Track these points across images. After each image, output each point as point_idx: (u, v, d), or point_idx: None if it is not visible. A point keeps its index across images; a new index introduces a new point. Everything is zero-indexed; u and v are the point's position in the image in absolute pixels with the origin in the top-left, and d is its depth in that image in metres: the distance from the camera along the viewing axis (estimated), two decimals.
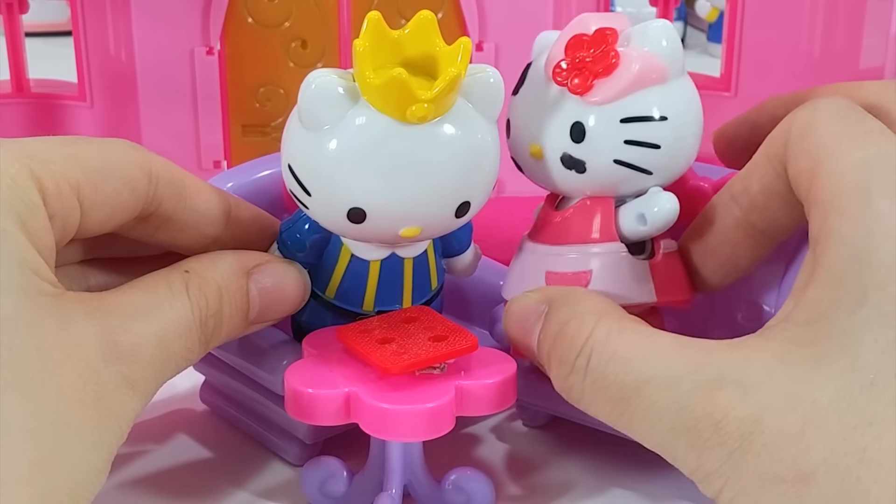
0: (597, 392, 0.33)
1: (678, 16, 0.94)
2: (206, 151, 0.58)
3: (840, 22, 0.57)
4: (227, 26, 0.56)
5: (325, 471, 0.39)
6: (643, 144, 0.37)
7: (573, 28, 0.38)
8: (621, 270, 0.38)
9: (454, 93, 0.35)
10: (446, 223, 0.38)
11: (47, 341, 0.31)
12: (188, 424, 0.45)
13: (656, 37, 0.37)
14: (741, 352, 0.32)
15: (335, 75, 0.35)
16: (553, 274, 0.39)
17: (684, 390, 0.31)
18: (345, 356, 0.37)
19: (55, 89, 0.62)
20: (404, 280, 0.39)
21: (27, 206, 0.32)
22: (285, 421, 0.41)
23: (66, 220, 0.34)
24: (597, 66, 0.37)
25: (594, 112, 0.37)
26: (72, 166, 0.34)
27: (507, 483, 0.41)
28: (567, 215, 0.39)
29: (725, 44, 0.60)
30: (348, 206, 0.36)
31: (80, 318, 0.32)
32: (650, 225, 0.38)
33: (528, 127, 0.39)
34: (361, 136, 0.35)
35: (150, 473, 0.42)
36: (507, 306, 0.38)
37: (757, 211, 0.37)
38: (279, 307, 0.38)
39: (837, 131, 0.33)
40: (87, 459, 0.31)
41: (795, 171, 0.34)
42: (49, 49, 0.75)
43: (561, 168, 0.38)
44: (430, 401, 0.35)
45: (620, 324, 0.34)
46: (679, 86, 0.38)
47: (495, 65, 0.57)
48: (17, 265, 0.31)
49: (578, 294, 0.36)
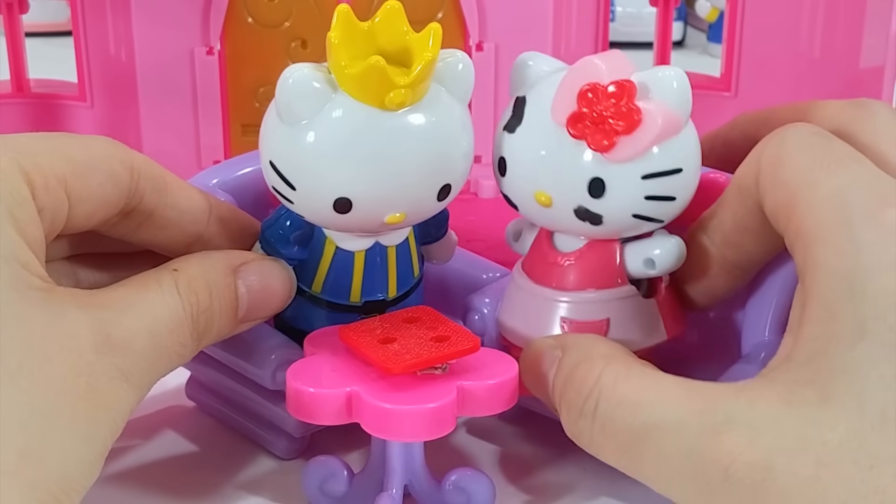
0: (605, 437, 0.33)
1: (678, 16, 0.94)
2: (206, 151, 0.58)
3: (840, 22, 0.57)
4: (227, 26, 0.56)
5: (325, 470, 0.39)
6: (662, 198, 0.37)
7: (581, 74, 0.36)
8: (636, 314, 0.38)
9: (429, 78, 0.36)
10: (429, 207, 0.38)
11: (37, 333, 0.31)
12: (174, 420, 0.45)
13: (674, 88, 0.36)
14: (746, 395, 0.31)
15: (311, 69, 0.36)
16: (570, 321, 0.38)
17: (692, 434, 0.31)
18: (347, 356, 0.37)
19: (55, 89, 0.62)
20: (389, 269, 0.40)
21: (16, 200, 0.32)
22: (273, 415, 0.41)
23: (54, 214, 0.34)
24: (619, 122, 0.35)
25: (615, 169, 0.36)
26: (58, 160, 0.34)
27: (507, 483, 0.41)
28: (574, 259, 0.39)
29: (725, 44, 0.60)
30: (334, 197, 0.36)
31: (72, 311, 0.32)
32: (658, 269, 0.38)
33: (532, 173, 0.38)
34: (342, 127, 0.36)
35: (135, 468, 0.42)
36: (524, 353, 0.37)
37: (730, 247, 0.38)
38: (267, 304, 0.38)
39: (809, 161, 0.33)
40: (78, 452, 0.31)
41: (771, 206, 0.34)
42: (49, 49, 0.75)
43: (573, 218, 0.37)
44: (432, 401, 0.35)
45: (628, 368, 0.34)
46: (688, 132, 0.37)
47: (495, 65, 0.58)
48: (6, 259, 0.31)
49: (591, 339, 0.36)
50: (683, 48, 0.96)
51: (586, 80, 0.36)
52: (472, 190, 0.60)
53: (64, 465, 0.30)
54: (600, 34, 0.61)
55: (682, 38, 0.97)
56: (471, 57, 0.56)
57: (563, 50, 0.59)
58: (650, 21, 0.66)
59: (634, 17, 0.93)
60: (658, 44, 0.63)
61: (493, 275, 0.44)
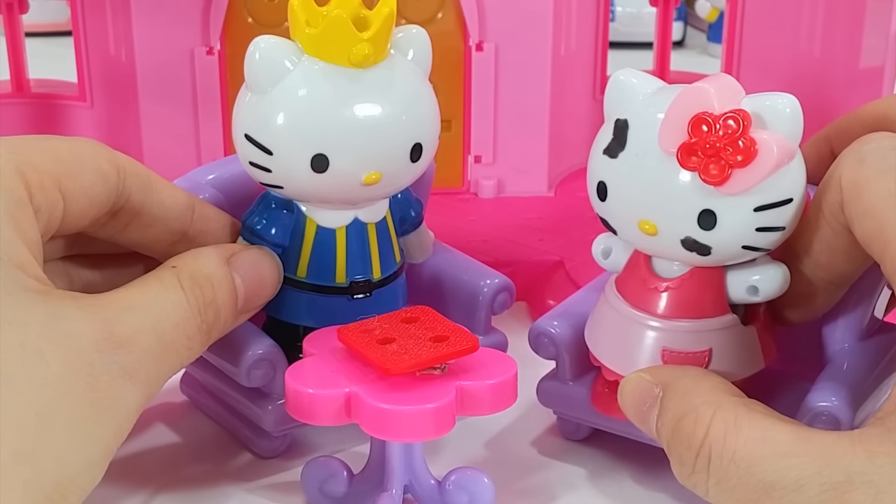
0: (722, 493, 0.32)
1: (678, 16, 0.94)
2: (205, 151, 0.58)
3: (840, 22, 0.57)
4: (227, 26, 0.56)
5: (325, 471, 0.39)
6: (773, 229, 0.36)
7: (691, 101, 0.35)
8: (737, 344, 0.38)
9: (389, 34, 0.38)
10: (404, 168, 0.39)
11: (32, 334, 0.31)
12: (166, 414, 0.45)
13: (787, 115, 0.35)
14: (864, 448, 0.31)
15: (275, 39, 0.38)
16: (670, 353, 0.38)
17: (813, 494, 0.31)
18: (345, 356, 0.37)
19: (55, 89, 0.62)
20: (371, 247, 0.40)
21: (14, 201, 0.33)
22: (251, 413, 0.41)
23: (50, 213, 0.34)
24: (735, 155, 0.34)
25: (727, 201, 0.35)
26: (51, 160, 0.34)
27: (507, 483, 0.41)
28: (676, 286, 0.38)
29: (725, 44, 0.60)
30: (310, 154, 0.37)
31: (72, 312, 0.32)
32: (762, 296, 0.37)
33: (636, 199, 0.36)
34: (311, 85, 0.37)
35: (125, 460, 0.42)
36: (622, 386, 0.37)
37: (822, 268, 0.37)
38: (261, 292, 0.38)
39: (892, 188, 0.33)
40: (78, 452, 0.31)
41: (862, 234, 0.34)
42: (49, 49, 0.75)
43: (679, 248, 0.36)
44: (432, 401, 0.35)
45: (736, 416, 0.33)
46: (798, 160, 0.36)
47: (495, 65, 0.58)
48: (1, 261, 0.31)
49: (692, 379, 0.35)
50: (683, 48, 0.96)
51: (697, 108, 0.35)
52: (472, 190, 0.60)
53: (61, 465, 0.30)
54: (600, 34, 0.61)
55: (682, 38, 0.97)
56: (471, 57, 0.57)
57: (563, 50, 0.59)
58: (650, 21, 0.66)
59: (634, 17, 0.93)
60: (658, 44, 0.63)
61: (490, 281, 0.44)
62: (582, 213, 0.54)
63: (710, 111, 0.35)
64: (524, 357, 0.41)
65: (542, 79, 0.58)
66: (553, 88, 0.58)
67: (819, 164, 0.38)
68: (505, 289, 0.44)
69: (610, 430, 0.41)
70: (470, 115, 0.58)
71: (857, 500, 0.30)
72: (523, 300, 0.53)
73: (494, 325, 0.45)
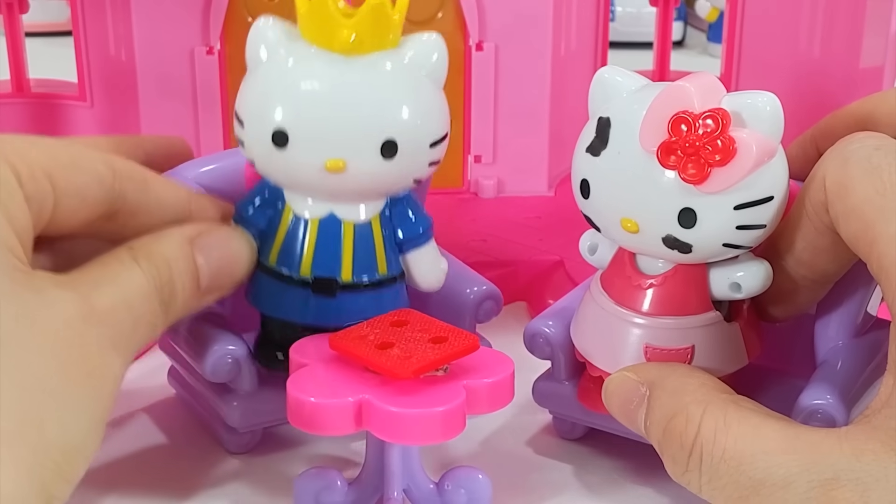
0: (714, 490, 0.33)
1: (678, 16, 0.94)
2: (206, 151, 0.58)
3: (840, 22, 0.57)
4: (227, 26, 0.56)
5: (320, 482, 0.38)
6: (753, 227, 0.36)
7: (671, 100, 0.35)
8: (720, 341, 0.38)
9: (380, 25, 0.38)
10: (372, 161, 0.38)
11: (25, 306, 0.31)
12: (151, 404, 0.46)
13: (767, 114, 0.35)
14: (850, 445, 0.31)
15: (275, 20, 0.39)
16: (653, 349, 0.38)
17: (801, 491, 0.31)
18: (340, 363, 0.37)
19: (55, 89, 0.62)
20: (343, 246, 0.40)
21: (5, 187, 0.33)
22: (219, 409, 0.41)
23: (41, 204, 0.34)
24: (714, 154, 0.34)
25: (707, 200, 0.35)
26: (43, 156, 0.35)
27: (504, 482, 0.41)
28: (659, 282, 0.38)
29: (725, 44, 0.60)
30: (272, 128, 0.38)
31: (54, 289, 0.32)
32: (744, 293, 0.37)
33: (618, 198, 0.37)
34: (288, 64, 0.38)
35: (108, 452, 0.42)
36: (606, 384, 0.37)
37: (805, 266, 0.37)
38: (229, 272, 0.38)
39: (877, 186, 0.33)
40: (78, 420, 0.31)
41: (847, 235, 0.34)
42: (49, 49, 0.75)
43: (661, 245, 0.36)
44: (444, 403, 0.35)
45: (726, 414, 0.33)
46: (779, 158, 0.36)
47: (495, 65, 0.58)
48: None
49: (679, 377, 0.35)
50: (683, 48, 0.96)
51: (677, 106, 0.35)
52: (472, 190, 0.60)
53: (64, 432, 0.31)
54: (600, 34, 0.61)
55: (682, 38, 0.97)
56: (471, 57, 0.57)
57: (563, 50, 0.59)
58: (650, 21, 0.66)
59: (634, 17, 0.93)
60: (658, 44, 0.63)
61: (477, 288, 0.43)
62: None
63: (691, 110, 0.35)
64: (524, 357, 0.41)
65: (542, 79, 0.58)
66: (553, 88, 0.59)
67: (805, 164, 0.38)
68: (490, 297, 0.44)
69: (605, 428, 0.41)
70: (470, 115, 0.58)
71: (843, 497, 0.30)
72: (523, 300, 0.53)
73: (494, 325, 0.44)
